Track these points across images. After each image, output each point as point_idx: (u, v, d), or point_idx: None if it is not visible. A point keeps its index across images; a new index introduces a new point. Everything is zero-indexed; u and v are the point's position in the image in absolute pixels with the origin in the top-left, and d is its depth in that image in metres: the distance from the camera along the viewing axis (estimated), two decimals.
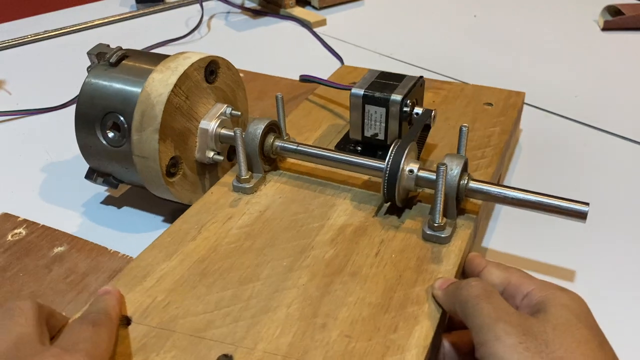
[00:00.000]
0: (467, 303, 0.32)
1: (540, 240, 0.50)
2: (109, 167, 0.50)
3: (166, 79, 0.46)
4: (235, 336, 0.34)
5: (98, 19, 0.99)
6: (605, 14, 0.94)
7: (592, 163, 0.60)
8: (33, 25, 0.96)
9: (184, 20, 1.00)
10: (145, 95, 0.45)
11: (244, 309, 0.36)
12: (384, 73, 0.51)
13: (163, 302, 0.37)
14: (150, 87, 0.45)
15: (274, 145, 0.48)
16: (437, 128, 0.55)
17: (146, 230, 0.51)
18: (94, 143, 0.48)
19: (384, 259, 0.40)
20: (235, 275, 0.39)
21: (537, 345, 0.29)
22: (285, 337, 0.34)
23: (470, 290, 0.33)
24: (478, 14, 1.00)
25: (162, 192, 0.48)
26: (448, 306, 0.35)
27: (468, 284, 0.34)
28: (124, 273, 0.39)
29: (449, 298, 0.35)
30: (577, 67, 0.80)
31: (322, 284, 0.38)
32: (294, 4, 1.02)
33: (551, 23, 0.96)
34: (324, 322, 0.35)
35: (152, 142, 0.45)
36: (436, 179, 0.39)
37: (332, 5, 1.06)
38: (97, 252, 0.46)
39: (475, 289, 0.33)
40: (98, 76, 0.49)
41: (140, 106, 0.45)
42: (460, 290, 0.34)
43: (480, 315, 0.31)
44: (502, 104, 0.59)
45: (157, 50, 0.91)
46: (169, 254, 0.40)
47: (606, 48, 0.86)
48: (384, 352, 0.33)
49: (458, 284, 0.34)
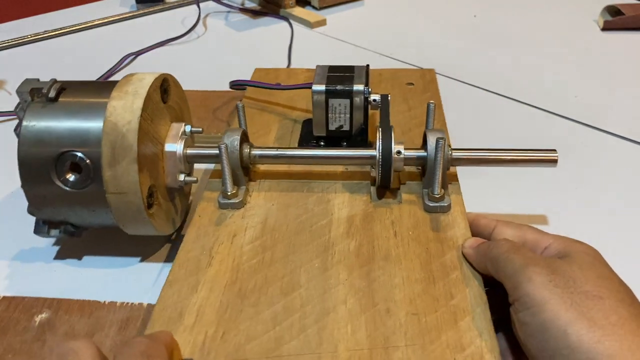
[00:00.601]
0: (499, 258, 0.36)
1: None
2: (67, 214, 0.44)
3: (130, 104, 0.42)
4: (312, 345, 0.33)
5: (98, 19, 0.98)
6: (605, 14, 0.92)
7: (592, 163, 0.59)
8: (33, 25, 0.95)
9: (184, 21, 0.98)
10: (111, 126, 0.41)
11: (303, 317, 0.35)
12: (333, 67, 0.52)
13: (217, 334, 0.34)
14: (114, 116, 0.41)
15: (251, 154, 0.46)
16: (376, 112, 0.58)
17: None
18: (49, 191, 0.43)
19: (404, 238, 0.41)
20: (274, 288, 0.37)
21: (566, 282, 0.32)
22: (359, 331, 0.34)
23: (500, 248, 0.36)
24: (478, 14, 0.99)
25: (140, 228, 0.44)
26: (479, 264, 0.38)
27: (497, 243, 0.37)
28: (154, 318, 0.35)
29: (480, 257, 0.38)
30: (577, 67, 0.80)
31: (363, 274, 0.38)
32: (294, 4, 1.01)
33: (551, 23, 0.95)
34: (386, 307, 0.36)
35: (130, 174, 0.41)
36: (435, 153, 0.42)
37: (332, 5, 1.05)
38: (90, 307, 0.41)
39: (505, 246, 0.36)
40: (39, 116, 0.43)
41: (108, 138, 0.41)
42: (491, 249, 0.37)
43: (512, 264, 0.34)
44: (421, 82, 0.64)
45: (157, 50, 0.89)
46: (192, 286, 0.38)
47: (606, 48, 0.85)
48: (455, 319, 0.35)
49: (488, 245, 0.38)
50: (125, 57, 0.84)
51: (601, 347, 0.28)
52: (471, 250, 0.39)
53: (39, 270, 0.46)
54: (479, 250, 0.38)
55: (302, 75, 0.67)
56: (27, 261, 0.47)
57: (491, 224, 0.41)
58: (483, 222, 0.42)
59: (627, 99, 0.71)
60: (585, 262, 0.34)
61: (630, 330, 0.29)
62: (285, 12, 1.01)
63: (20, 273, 0.46)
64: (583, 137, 0.63)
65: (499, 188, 0.55)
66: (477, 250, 0.39)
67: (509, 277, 0.34)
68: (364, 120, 0.50)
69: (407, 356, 0.33)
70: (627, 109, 0.69)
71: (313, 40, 0.92)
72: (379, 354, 0.33)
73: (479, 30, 0.93)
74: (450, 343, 0.33)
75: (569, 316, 0.30)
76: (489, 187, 0.54)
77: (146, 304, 0.41)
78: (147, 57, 0.86)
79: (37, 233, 0.45)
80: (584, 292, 0.31)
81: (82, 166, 0.42)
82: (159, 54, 0.88)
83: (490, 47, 0.86)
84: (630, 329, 0.29)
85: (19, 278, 0.46)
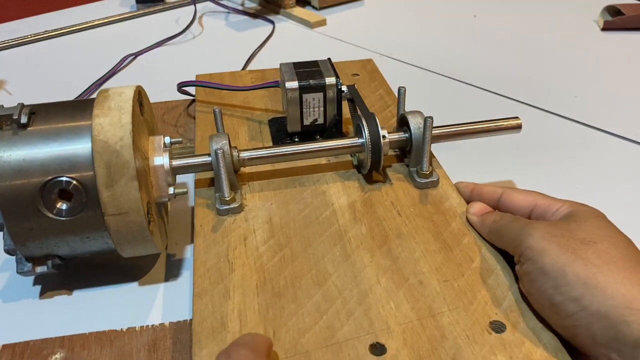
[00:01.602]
0: (501, 229, 0.39)
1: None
2: (56, 246, 0.41)
3: (117, 120, 0.40)
4: (364, 326, 0.35)
5: (98, 19, 0.98)
6: (605, 14, 0.92)
7: (592, 163, 0.59)
8: (33, 25, 0.95)
9: (184, 21, 0.97)
10: (102, 145, 0.39)
11: (345, 302, 0.36)
12: (297, 63, 0.53)
13: (267, 334, 0.34)
14: (103, 134, 0.39)
15: (240, 157, 0.46)
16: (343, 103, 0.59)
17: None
18: (38, 223, 0.39)
19: (408, 215, 0.44)
20: (306, 281, 0.38)
21: (563, 232, 0.35)
22: (403, 305, 0.36)
23: (503, 220, 0.39)
24: (478, 14, 0.99)
25: (139, 248, 0.42)
26: (484, 233, 0.41)
27: (502, 216, 0.40)
28: (197, 332, 0.35)
29: (485, 229, 0.41)
30: (577, 67, 0.79)
31: (384, 254, 0.40)
32: (294, 4, 1.00)
33: (551, 23, 0.95)
34: (418, 279, 0.38)
35: (131, 192, 0.39)
36: (423, 132, 0.45)
37: (332, 5, 1.03)
38: (107, 338, 0.38)
39: (507, 218, 0.39)
40: (13, 145, 0.39)
41: (101, 158, 0.39)
42: (495, 223, 0.40)
43: (514, 229, 0.37)
44: (365, 72, 0.67)
45: (156, 49, 0.88)
46: (223, 293, 0.37)
47: (606, 48, 0.85)
48: (482, 279, 0.38)
49: (493, 219, 0.40)
50: (125, 58, 0.84)
51: (594, 281, 0.32)
52: (476, 219, 0.42)
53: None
54: (484, 222, 0.41)
55: (246, 77, 0.67)
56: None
57: (497, 190, 0.43)
58: (486, 189, 0.44)
59: (627, 99, 0.71)
60: (583, 217, 0.36)
61: (623, 267, 0.32)
62: (286, 12, 1.01)
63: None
64: (583, 137, 0.63)
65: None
66: (481, 221, 0.41)
67: (512, 240, 0.37)
68: (337, 112, 0.52)
69: (455, 319, 0.35)
70: (627, 109, 0.69)
71: (313, 40, 0.92)
72: (428, 322, 0.35)
73: (479, 30, 0.93)
74: (486, 300, 0.36)
75: (565, 258, 0.33)
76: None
77: (168, 322, 0.40)
78: (146, 57, 0.86)
79: (22, 273, 0.42)
80: (579, 239, 0.34)
81: (72, 192, 0.39)
82: (159, 53, 0.88)
83: (490, 47, 0.86)
84: (623, 266, 0.32)
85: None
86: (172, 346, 0.37)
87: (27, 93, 0.75)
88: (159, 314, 0.41)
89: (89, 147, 0.39)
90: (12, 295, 0.44)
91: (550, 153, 0.60)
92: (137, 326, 0.39)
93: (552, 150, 0.61)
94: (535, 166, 0.58)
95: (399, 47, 0.86)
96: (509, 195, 0.42)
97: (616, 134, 0.63)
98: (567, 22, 0.95)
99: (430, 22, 0.97)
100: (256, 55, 0.85)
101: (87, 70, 0.79)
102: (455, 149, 0.55)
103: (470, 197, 0.45)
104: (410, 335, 0.34)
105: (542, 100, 0.70)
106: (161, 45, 0.89)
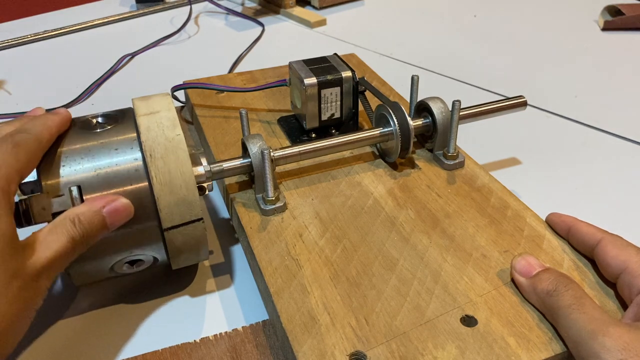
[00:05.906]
0: (559, 312, 0.32)
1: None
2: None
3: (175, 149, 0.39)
4: (448, 302, 0.36)
5: (98, 19, 0.98)
6: (605, 14, 0.93)
7: (592, 163, 0.58)
8: (33, 25, 0.95)
9: (184, 20, 0.96)
10: (162, 188, 0.37)
11: (422, 283, 0.38)
12: (307, 60, 0.53)
13: (360, 322, 0.35)
14: (159, 175, 0.37)
15: (274, 156, 0.46)
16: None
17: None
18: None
19: (448, 196, 0.46)
20: (377, 268, 0.39)
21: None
22: (476, 278, 0.38)
23: (561, 300, 0.33)
24: (478, 14, 0.99)
25: (194, 256, 0.41)
26: (533, 300, 0.35)
27: (558, 292, 0.33)
28: (289, 330, 0.35)
29: (535, 297, 0.35)
30: (577, 67, 0.79)
31: (440, 234, 0.42)
32: (294, 4, 0.98)
33: (551, 23, 0.94)
34: (480, 253, 0.40)
35: (197, 230, 0.38)
36: (452, 114, 0.47)
37: (332, 5, 1.02)
38: (182, 352, 0.37)
39: (566, 298, 0.32)
40: None
41: (165, 200, 0.37)
42: (550, 297, 0.33)
43: (575, 327, 0.31)
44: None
45: (155, 49, 0.88)
46: (300, 289, 0.37)
47: (606, 48, 0.85)
48: (537, 245, 0.40)
49: (547, 290, 0.34)
50: (122, 58, 0.83)
51: None
52: (524, 281, 0.36)
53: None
54: (535, 289, 0.35)
55: (236, 79, 0.66)
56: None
57: (597, 235, 0.37)
58: (586, 230, 0.38)
59: (627, 99, 0.71)
60: None
61: None
62: (285, 12, 1.00)
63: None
64: (583, 137, 0.63)
65: None
66: (531, 286, 0.35)
67: (573, 344, 0.31)
68: (352, 105, 0.53)
69: None
70: (627, 109, 0.68)
71: (313, 40, 0.91)
72: (505, 291, 0.37)
73: (479, 30, 0.93)
74: (550, 264, 0.39)
75: None
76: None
77: (241, 327, 0.39)
78: (145, 57, 0.85)
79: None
80: None
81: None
82: (155, 53, 0.86)
83: (490, 47, 0.86)
84: None
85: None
86: (255, 349, 0.37)
87: (27, 93, 0.75)
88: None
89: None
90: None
91: (550, 153, 0.60)
92: (210, 335, 0.38)
93: (552, 150, 0.61)
94: (535, 166, 0.58)
95: (399, 47, 0.87)
96: (604, 248, 0.36)
97: (616, 134, 0.63)
98: (567, 22, 0.95)
99: (430, 22, 0.97)
100: (245, 57, 0.85)
101: (87, 70, 0.79)
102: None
103: (566, 236, 0.40)
104: (493, 305, 0.36)
105: (542, 100, 0.70)
106: (157, 45, 0.89)
